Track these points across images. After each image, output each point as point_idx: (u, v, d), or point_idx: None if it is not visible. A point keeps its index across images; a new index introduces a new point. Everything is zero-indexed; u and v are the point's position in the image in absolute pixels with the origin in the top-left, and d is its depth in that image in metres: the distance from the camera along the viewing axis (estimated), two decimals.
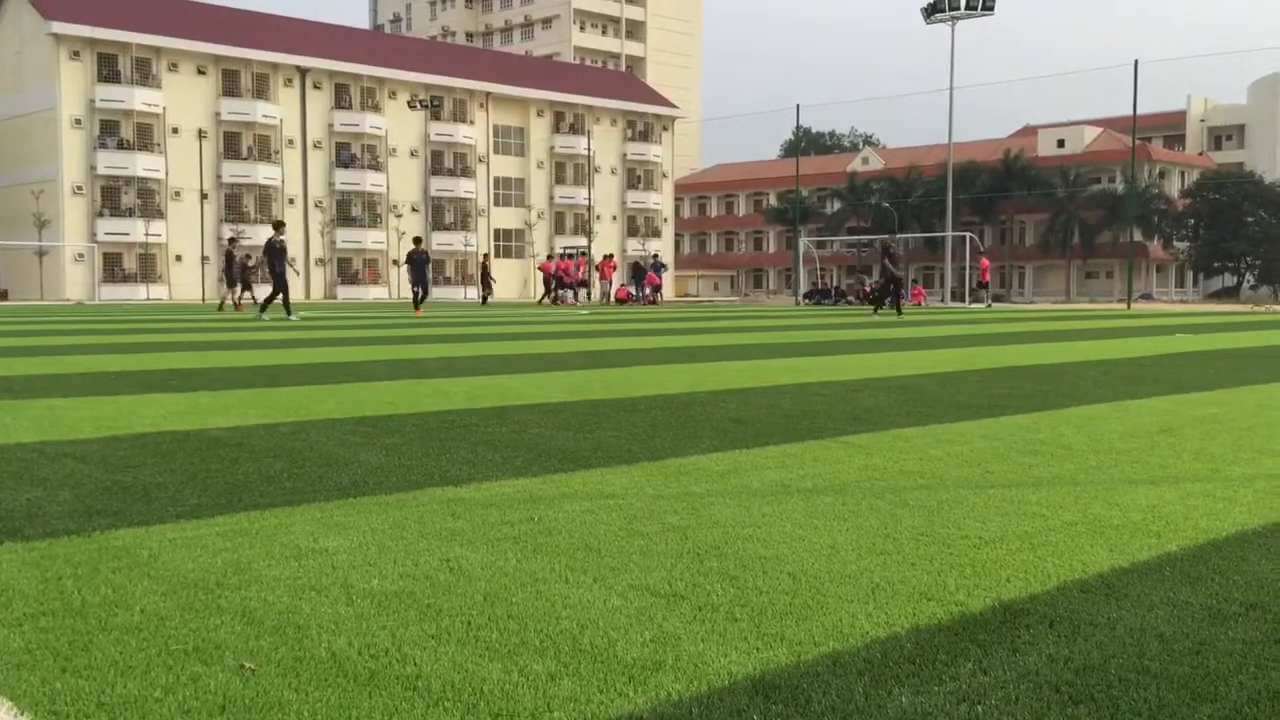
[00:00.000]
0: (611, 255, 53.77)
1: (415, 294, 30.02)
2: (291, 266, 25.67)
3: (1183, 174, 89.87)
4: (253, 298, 34.23)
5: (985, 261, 51.93)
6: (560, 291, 47.96)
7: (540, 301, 48.91)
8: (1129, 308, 45.02)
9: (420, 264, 30.01)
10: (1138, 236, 73.74)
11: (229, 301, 34.21)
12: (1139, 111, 48.38)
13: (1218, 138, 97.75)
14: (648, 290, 49.76)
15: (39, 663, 2.33)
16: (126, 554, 3.25)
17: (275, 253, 24.28)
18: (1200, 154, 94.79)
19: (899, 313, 30.00)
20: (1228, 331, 20.12)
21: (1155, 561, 3.23)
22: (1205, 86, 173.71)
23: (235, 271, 33.33)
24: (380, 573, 3.06)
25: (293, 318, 24.35)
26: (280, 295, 24.40)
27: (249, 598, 2.81)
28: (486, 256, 50.73)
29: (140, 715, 2.06)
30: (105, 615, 2.66)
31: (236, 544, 3.38)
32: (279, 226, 25.16)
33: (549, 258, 54.15)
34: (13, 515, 3.76)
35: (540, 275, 50.91)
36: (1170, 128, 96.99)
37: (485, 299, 46.97)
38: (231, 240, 34.74)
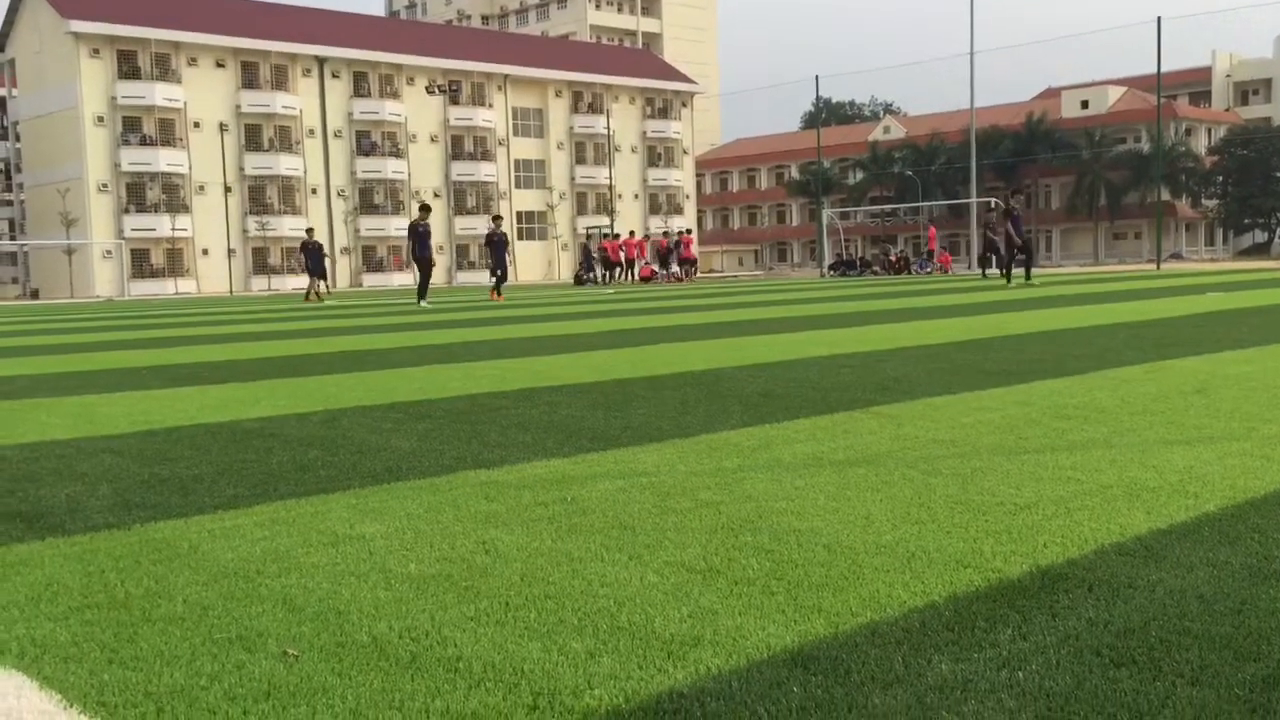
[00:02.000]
0: (634, 233, 53.86)
1: (498, 277, 27.77)
2: (417, 255, 24.38)
3: (1209, 131, 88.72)
4: (328, 287, 33.97)
5: (933, 230, 52.13)
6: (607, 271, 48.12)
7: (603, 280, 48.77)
8: (1158, 268, 44.58)
9: (500, 245, 28.06)
10: (1165, 196, 72.89)
11: (316, 291, 33.93)
12: (1163, 69, 47.72)
13: (1244, 93, 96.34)
14: (674, 267, 49.68)
15: (86, 655, 2.36)
16: (167, 546, 3.29)
17: (419, 236, 23.42)
18: (1227, 110, 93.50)
19: (1027, 277, 26.80)
20: (1260, 289, 19.90)
21: (1193, 522, 3.21)
22: (1230, 41, 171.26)
23: (316, 262, 33.30)
24: (418, 557, 3.08)
25: (424, 304, 23.51)
26: (424, 279, 23.60)
27: (289, 585, 2.84)
28: (589, 238, 50.98)
29: (187, 704, 2.08)
30: (148, 606, 2.69)
31: (274, 532, 3.41)
32: (425, 210, 24.26)
33: (632, 235, 54.22)
34: (54, 511, 3.81)
35: (615, 254, 50.89)
36: (1195, 84, 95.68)
37: (600, 278, 47.55)
38: (309, 230, 34.68)
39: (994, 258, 30.42)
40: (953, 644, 2.26)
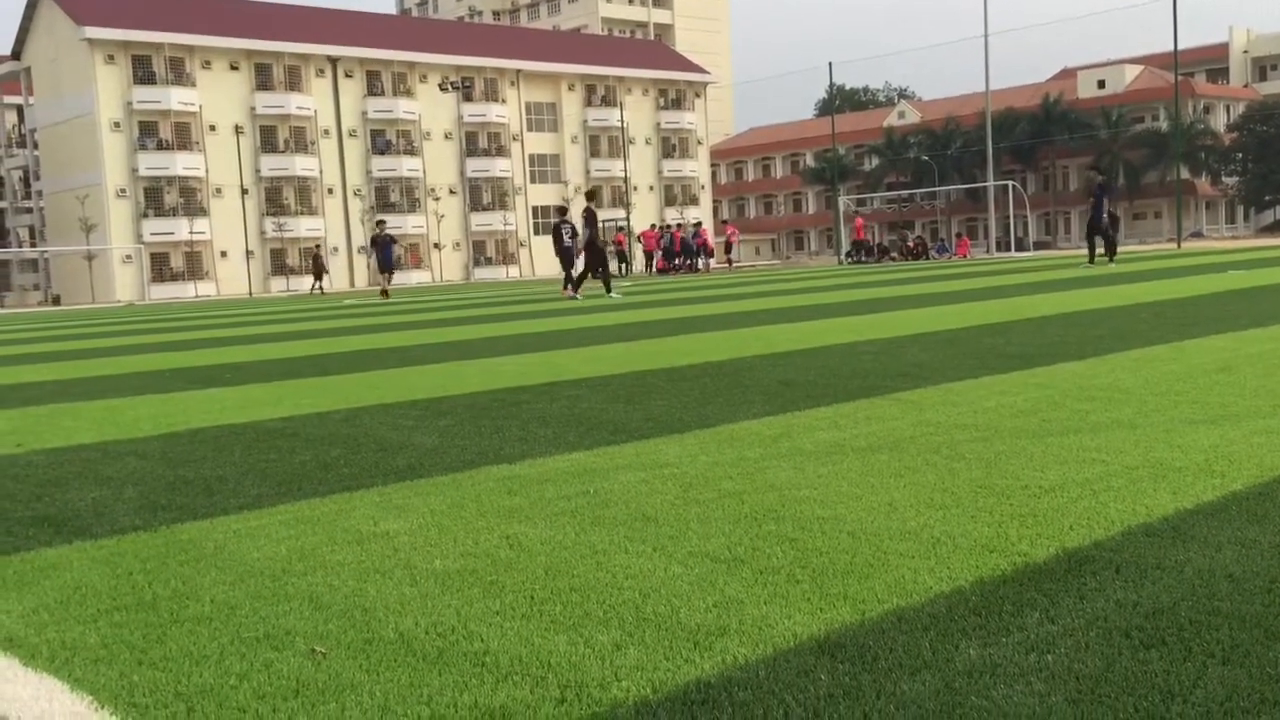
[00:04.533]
0: (654, 225, 54.16)
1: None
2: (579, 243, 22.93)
3: (1228, 107, 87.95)
4: (388, 283, 32.03)
5: (860, 220, 53.33)
6: (682, 261, 48.51)
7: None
8: (1179, 247, 44.27)
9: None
10: (1184, 174, 72.38)
11: (385, 287, 32.65)
12: (1180, 46, 47.37)
13: (1262, 68, 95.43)
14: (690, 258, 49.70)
15: (116, 657, 2.38)
16: (193, 546, 3.31)
17: (592, 223, 22.72)
18: (1245, 86, 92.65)
19: (1110, 258, 25.43)
20: None
21: (1220, 502, 3.18)
22: (1247, 16, 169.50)
23: (387, 257, 31.70)
24: (442, 552, 3.09)
25: (614, 295, 22.14)
26: (599, 270, 22.83)
27: (315, 583, 2.85)
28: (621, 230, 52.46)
29: (217, 703, 2.09)
30: (177, 607, 2.71)
31: (299, 531, 3.42)
32: (592, 195, 23.44)
33: (652, 227, 54.88)
34: (80, 514, 3.84)
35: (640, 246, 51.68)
36: (1213, 61, 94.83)
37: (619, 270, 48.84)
38: (380, 223, 33.39)
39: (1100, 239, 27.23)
40: (980, 629, 2.25)
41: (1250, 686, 1.91)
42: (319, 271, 49.74)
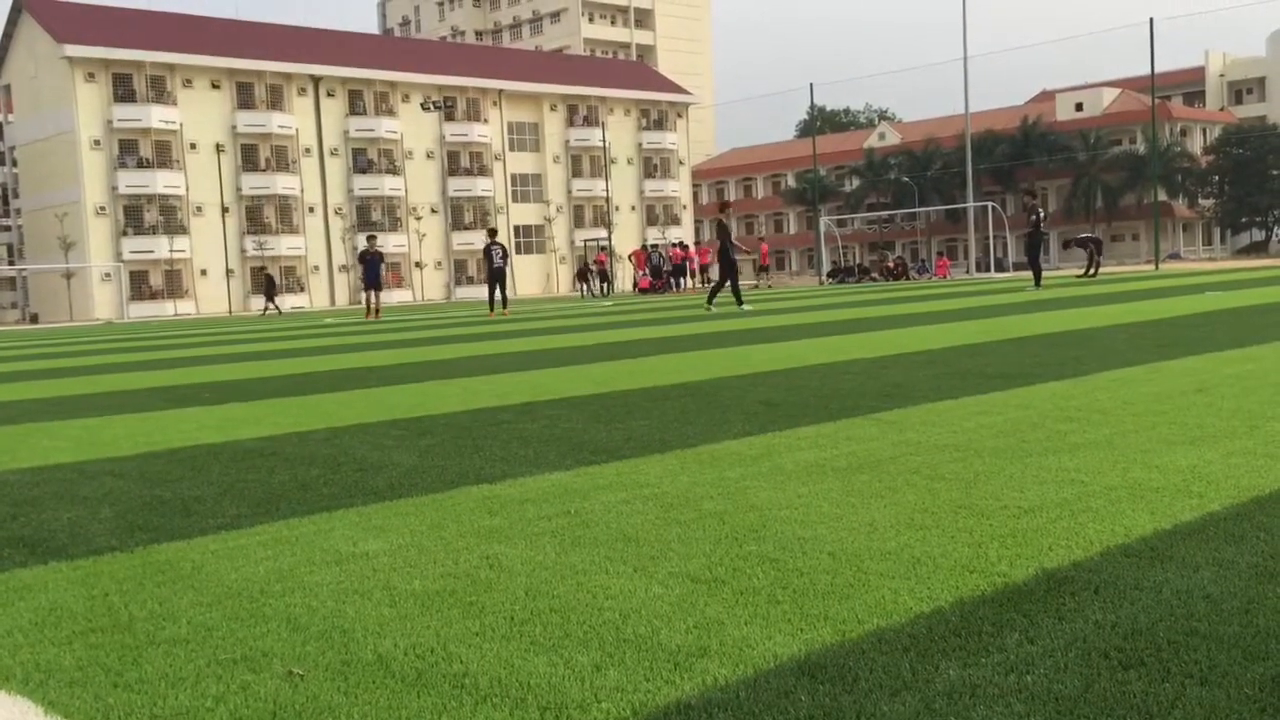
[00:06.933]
0: (644, 246, 54.88)
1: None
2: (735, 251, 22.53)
3: (1204, 130, 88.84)
4: (377, 302, 30.37)
5: (765, 246, 55.22)
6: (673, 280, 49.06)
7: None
8: (1157, 268, 44.60)
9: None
10: (1162, 196, 73.01)
11: (375, 306, 30.57)
12: (1157, 70, 47.87)
13: (1238, 92, 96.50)
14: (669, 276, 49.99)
15: (91, 679, 2.35)
16: (170, 567, 3.28)
17: (726, 236, 22.36)
18: (1221, 109, 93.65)
19: (1093, 274, 25.63)
20: (1258, 287, 19.90)
21: (1198, 522, 3.20)
22: (1223, 41, 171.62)
23: (374, 274, 30.06)
24: (421, 573, 3.07)
25: (745, 307, 21.80)
26: (729, 282, 22.56)
27: (293, 604, 2.83)
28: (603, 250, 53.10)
29: None
30: (153, 629, 2.69)
31: (278, 552, 3.40)
32: (723, 208, 23.33)
33: (642, 248, 55.78)
34: (56, 535, 3.80)
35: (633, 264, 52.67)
36: (1189, 84, 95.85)
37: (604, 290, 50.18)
38: (370, 238, 31.94)
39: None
40: (960, 649, 2.26)
41: (1229, 708, 1.92)
42: (270, 292, 49.59)
